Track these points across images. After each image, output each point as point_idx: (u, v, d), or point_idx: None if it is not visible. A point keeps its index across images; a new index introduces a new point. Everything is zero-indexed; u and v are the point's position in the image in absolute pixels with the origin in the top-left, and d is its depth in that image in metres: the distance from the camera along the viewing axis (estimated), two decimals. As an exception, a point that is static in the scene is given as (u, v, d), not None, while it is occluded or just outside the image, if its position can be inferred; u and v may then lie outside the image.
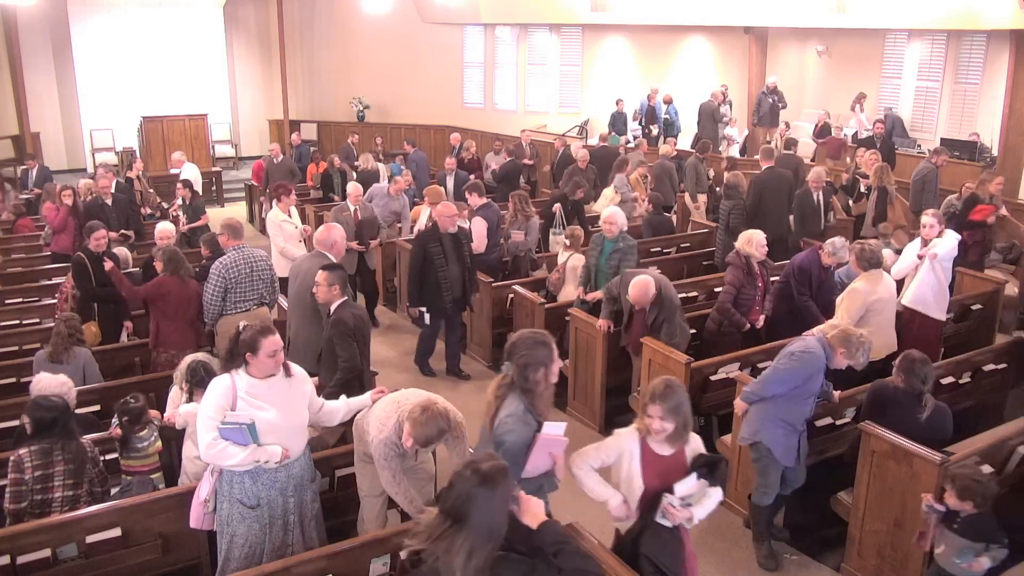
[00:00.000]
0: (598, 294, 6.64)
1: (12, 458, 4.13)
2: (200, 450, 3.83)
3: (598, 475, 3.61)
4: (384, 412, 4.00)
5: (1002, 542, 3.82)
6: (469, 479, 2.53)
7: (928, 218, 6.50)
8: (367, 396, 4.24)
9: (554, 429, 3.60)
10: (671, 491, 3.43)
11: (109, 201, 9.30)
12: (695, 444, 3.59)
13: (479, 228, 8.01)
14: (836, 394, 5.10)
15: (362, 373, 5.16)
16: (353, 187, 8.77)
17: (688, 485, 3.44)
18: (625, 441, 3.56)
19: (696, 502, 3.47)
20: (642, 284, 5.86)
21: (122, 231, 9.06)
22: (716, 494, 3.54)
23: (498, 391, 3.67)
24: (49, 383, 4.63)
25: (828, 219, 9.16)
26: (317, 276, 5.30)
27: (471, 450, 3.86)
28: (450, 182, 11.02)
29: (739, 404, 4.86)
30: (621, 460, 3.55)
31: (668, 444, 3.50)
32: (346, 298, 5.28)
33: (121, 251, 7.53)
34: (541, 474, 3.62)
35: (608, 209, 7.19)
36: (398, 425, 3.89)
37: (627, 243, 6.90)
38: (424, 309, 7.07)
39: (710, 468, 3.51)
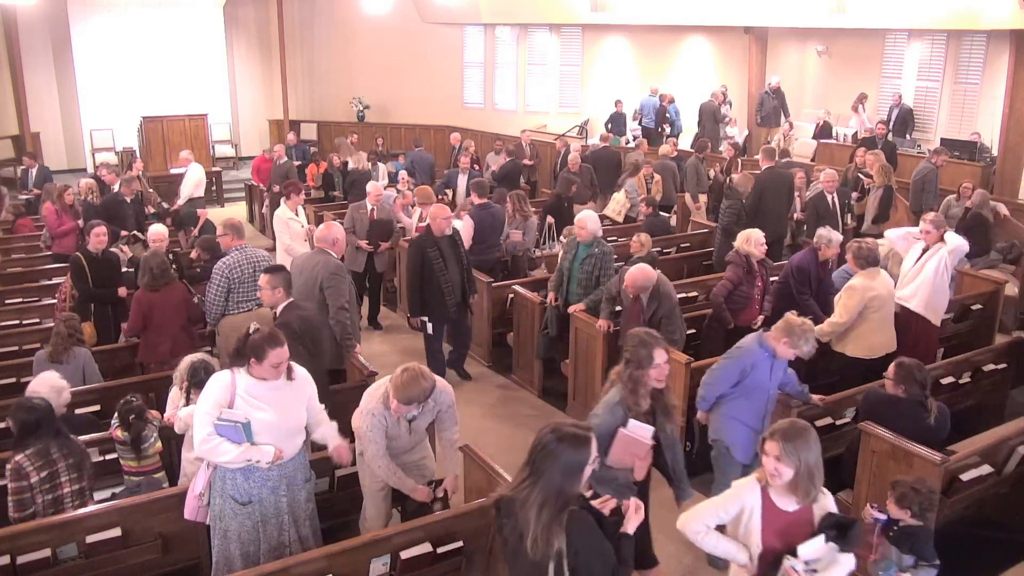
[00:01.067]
0: (580, 306, 6.48)
1: (9, 466, 4.04)
2: (194, 444, 3.83)
3: (718, 533, 3.23)
4: (374, 386, 4.10)
5: (933, 562, 3.60)
6: (547, 436, 2.70)
7: (925, 224, 6.21)
8: (336, 437, 4.15)
9: (638, 429, 3.58)
10: (794, 553, 3.03)
11: (129, 199, 9.32)
12: (825, 502, 3.18)
13: (466, 228, 7.88)
14: (816, 397, 5.04)
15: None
16: (373, 186, 8.72)
17: (814, 548, 3.02)
18: (745, 492, 3.19)
19: (823, 568, 3.04)
20: (641, 267, 5.88)
21: (134, 232, 9.09)
22: (847, 562, 3.08)
23: (613, 375, 3.83)
24: (42, 386, 4.58)
25: (845, 221, 9.09)
26: (260, 279, 5.18)
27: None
28: (462, 181, 10.91)
29: (700, 415, 4.81)
30: (740, 514, 3.19)
31: (793, 498, 3.10)
32: (291, 300, 5.15)
33: (115, 251, 7.51)
34: (619, 469, 3.65)
35: (582, 213, 6.87)
36: (384, 396, 3.97)
37: (602, 249, 6.58)
38: (426, 319, 6.76)
39: (841, 531, 3.08)
